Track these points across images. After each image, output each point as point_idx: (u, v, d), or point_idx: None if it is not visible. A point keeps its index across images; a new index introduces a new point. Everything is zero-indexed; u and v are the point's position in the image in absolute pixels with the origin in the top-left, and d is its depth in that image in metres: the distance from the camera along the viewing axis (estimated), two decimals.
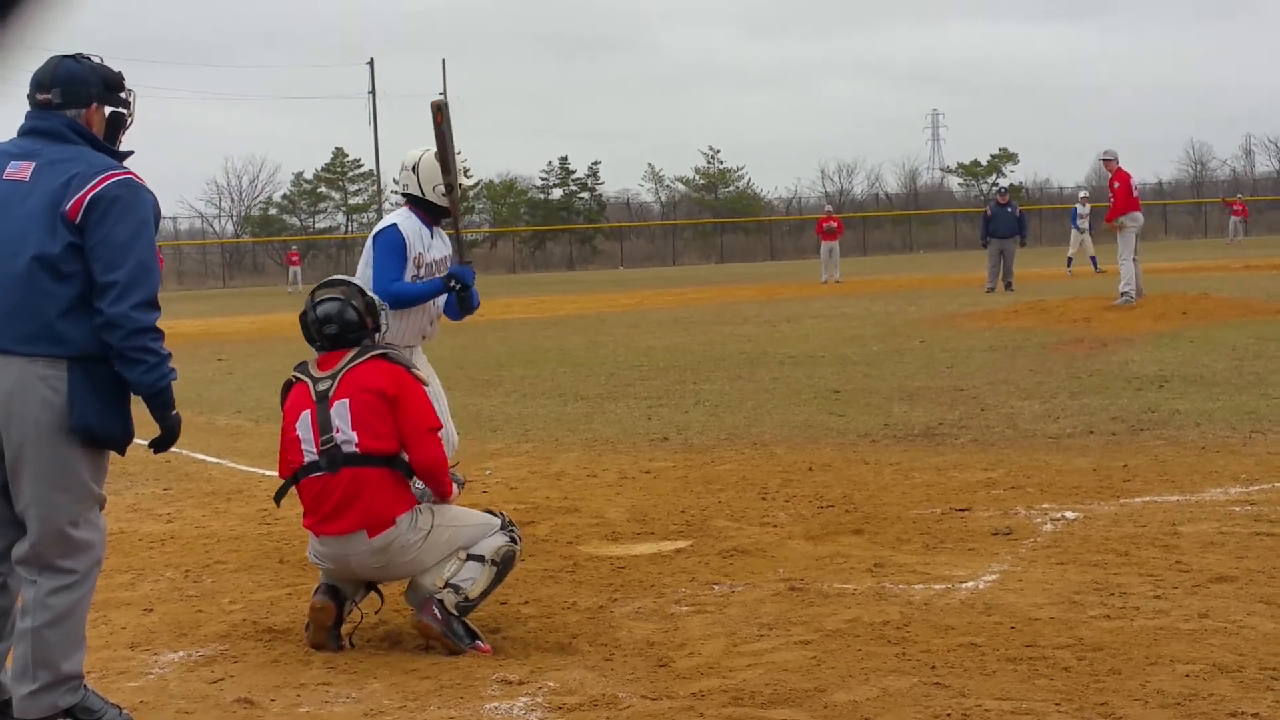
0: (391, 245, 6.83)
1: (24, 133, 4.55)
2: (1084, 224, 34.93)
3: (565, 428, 11.56)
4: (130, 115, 4.65)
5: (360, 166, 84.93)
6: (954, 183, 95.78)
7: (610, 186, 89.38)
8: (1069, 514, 7.32)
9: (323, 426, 5.36)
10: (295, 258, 59.43)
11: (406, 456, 5.45)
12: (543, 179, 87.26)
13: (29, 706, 4.39)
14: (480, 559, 5.54)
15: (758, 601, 5.95)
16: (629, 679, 4.97)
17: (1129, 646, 5.04)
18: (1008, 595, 5.83)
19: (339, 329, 5.55)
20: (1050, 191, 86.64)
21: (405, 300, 6.76)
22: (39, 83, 4.52)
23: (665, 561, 6.78)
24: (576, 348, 19.71)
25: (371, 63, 74.49)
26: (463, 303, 6.92)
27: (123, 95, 4.63)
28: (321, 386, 5.43)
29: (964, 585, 6.04)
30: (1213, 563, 6.19)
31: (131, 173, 4.49)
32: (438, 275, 6.95)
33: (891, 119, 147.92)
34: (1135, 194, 21.31)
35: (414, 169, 6.93)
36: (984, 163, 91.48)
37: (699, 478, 8.97)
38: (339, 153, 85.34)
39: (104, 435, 4.43)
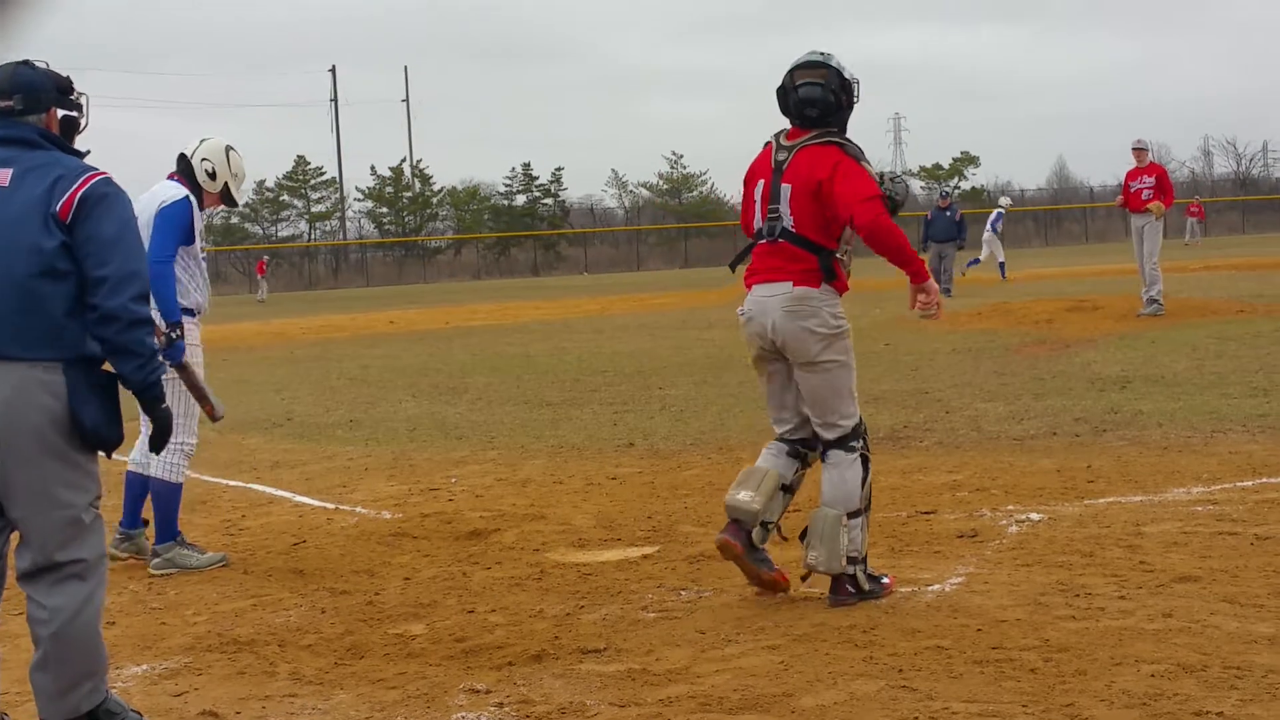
0: (182, 218, 7.04)
1: None
2: (1000, 227, 35.12)
3: (531, 434, 11.54)
4: (84, 117, 4.72)
5: (323, 174, 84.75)
6: (917, 185, 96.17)
7: (574, 192, 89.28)
8: (1034, 515, 7.35)
9: (771, 197, 5.95)
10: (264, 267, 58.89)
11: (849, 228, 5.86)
12: (506, 185, 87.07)
13: (52, 710, 4.39)
14: (858, 514, 5.90)
15: (725, 607, 5.96)
16: (597, 686, 4.96)
17: (1094, 647, 5.06)
18: (974, 597, 5.85)
19: (819, 113, 5.95)
20: (1011, 193, 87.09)
21: (153, 288, 6.65)
22: None
23: (632, 568, 6.77)
24: (542, 354, 19.69)
25: (333, 70, 74.29)
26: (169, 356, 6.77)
27: (74, 98, 4.69)
28: (780, 156, 5.97)
29: (930, 588, 6.05)
30: (1176, 562, 6.22)
31: (108, 174, 4.54)
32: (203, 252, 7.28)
33: (854, 122, 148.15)
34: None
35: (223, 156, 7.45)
36: (946, 165, 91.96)
37: (665, 483, 8.97)
38: (301, 160, 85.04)
39: (106, 436, 4.44)
